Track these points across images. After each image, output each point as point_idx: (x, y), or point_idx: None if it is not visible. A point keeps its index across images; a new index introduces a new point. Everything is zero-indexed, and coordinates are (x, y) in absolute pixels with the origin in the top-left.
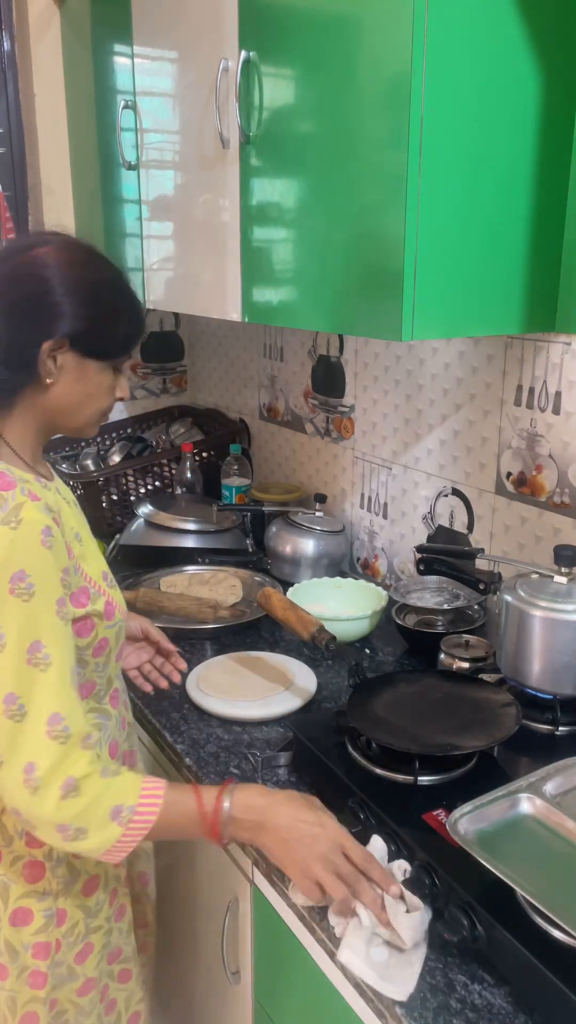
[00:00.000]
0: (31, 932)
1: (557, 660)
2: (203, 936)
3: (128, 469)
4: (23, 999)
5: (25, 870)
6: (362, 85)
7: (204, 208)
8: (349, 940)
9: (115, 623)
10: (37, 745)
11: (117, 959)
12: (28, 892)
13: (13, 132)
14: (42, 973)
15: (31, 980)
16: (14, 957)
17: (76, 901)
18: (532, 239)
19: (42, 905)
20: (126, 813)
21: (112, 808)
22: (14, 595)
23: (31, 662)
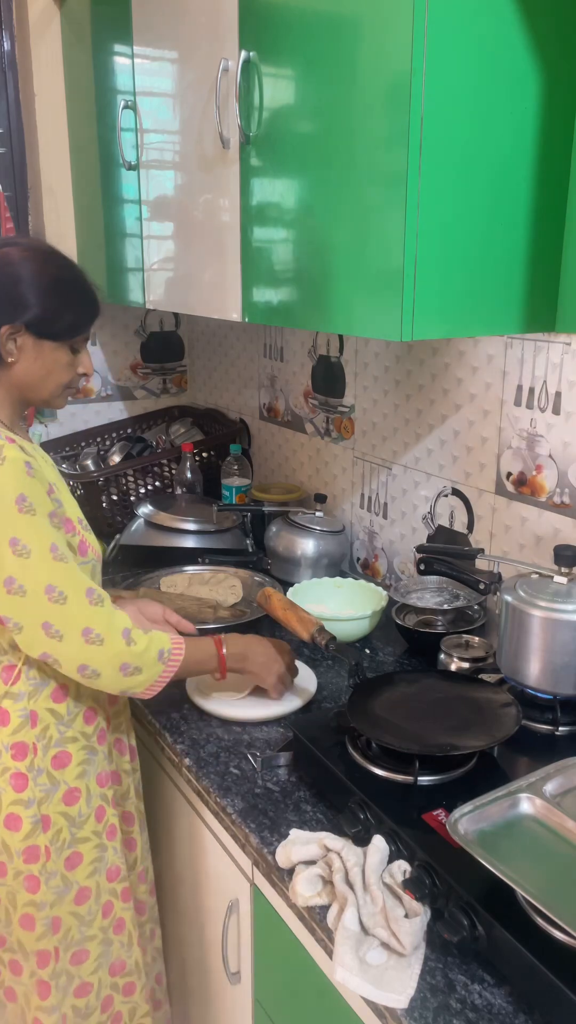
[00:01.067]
0: (20, 838)
1: (557, 660)
2: (203, 936)
3: (128, 469)
4: (21, 900)
5: (12, 780)
6: (362, 85)
7: (204, 208)
8: (340, 956)
9: (88, 560)
10: (85, 613)
11: (117, 877)
12: (16, 800)
13: (13, 132)
14: (35, 878)
15: (26, 884)
16: (10, 858)
17: (58, 808)
18: (532, 239)
19: (28, 812)
20: (166, 653)
21: (158, 651)
22: (23, 513)
23: (55, 558)
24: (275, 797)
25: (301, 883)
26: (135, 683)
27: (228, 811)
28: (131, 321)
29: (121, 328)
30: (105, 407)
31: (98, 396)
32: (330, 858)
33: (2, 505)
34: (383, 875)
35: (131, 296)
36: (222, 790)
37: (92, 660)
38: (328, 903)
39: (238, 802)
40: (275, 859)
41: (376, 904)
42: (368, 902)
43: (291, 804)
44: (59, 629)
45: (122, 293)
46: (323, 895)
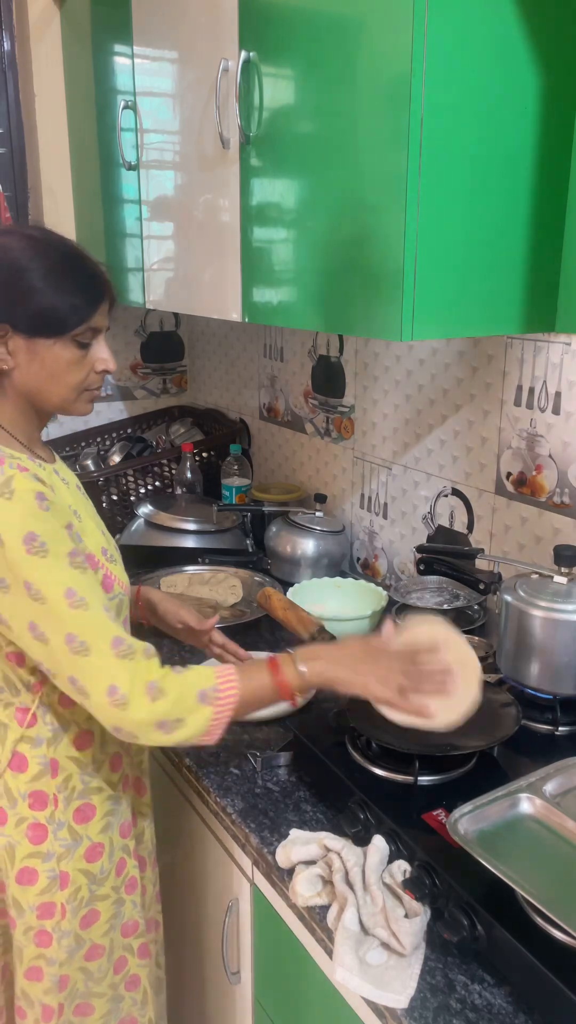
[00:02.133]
0: (36, 892)
1: (557, 660)
2: (203, 936)
3: (128, 469)
4: (29, 954)
5: (29, 831)
6: (362, 85)
7: (204, 208)
8: (340, 956)
9: (114, 596)
10: (110, 668)
11: (134, 932)
12: (33, 853)
13: (13, 132)
14: (47, 933)
15: (37, 939)
16: (20, 913)
17: (79, 865)
18: (532, 239)
19: (46, 867)
20: (211, 693)
21: (198, 693)
22: (32, 554)
23: (72, 605)
24: (275, 797)
25: (301, 883)
26: (186, 735)
27: (228, 811)
28: (131, 321)
29: (121, 328)
30: (105, 407)
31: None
32: (330, 858)
33: (9, 547)
34: (383, 875)
35: (131, 296)
36: (222, 790)
37: (123, 723)
38: (328, 903)
39: (238, 802)
40: (275, 859)
41: (376, 904)
42: (368, 902)
43: (291, 804)
44: (84, 685)
45: (122, 293)
46: (323, 895)
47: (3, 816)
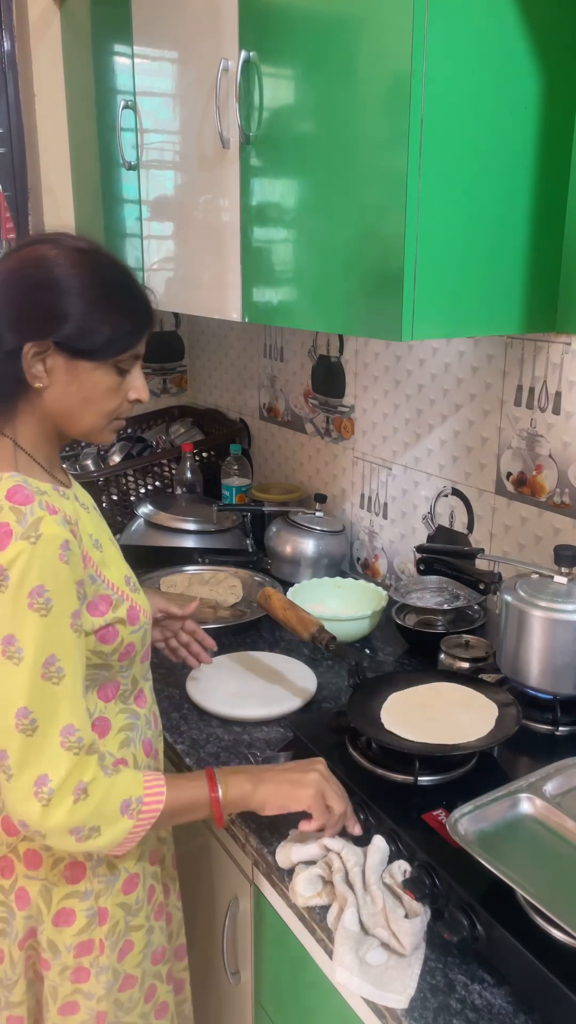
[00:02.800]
0: (73, 933)
1: (557, 660)
2: (203, 936)
3: (128, 469)
4: (65, 991)
5: (67, 872)
6: (362, 85)
7: (204, 208)
8: (340, 956)
9: (140, 627)
10: (51, 757)
11: (162, 959)
12: (70, 893)
13: (13, 132)
14: (85, 969)
15: (73, 976)
16: (55, 955)
17: (117, 900)
18: (532, 239)
19: (84, 905)
20: (135, 804)
21: (122, 802)
22: (33, 609)
23: (45, 676)
24: None
25: (301, 883)
26: (97, 846)
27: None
28: None
29: None
30: None
31: None
32: (330, 858)
33: (16, 593)
34: (383, 875)
35: None
36: None
37: (36, 820)
38: (328, 903)
39: None
40: (275, 859)
41: (376, 904)
42: (368, 902)
43: None
44: (12, 764)
45: None
46: (323, 895)
47: (38, 858)
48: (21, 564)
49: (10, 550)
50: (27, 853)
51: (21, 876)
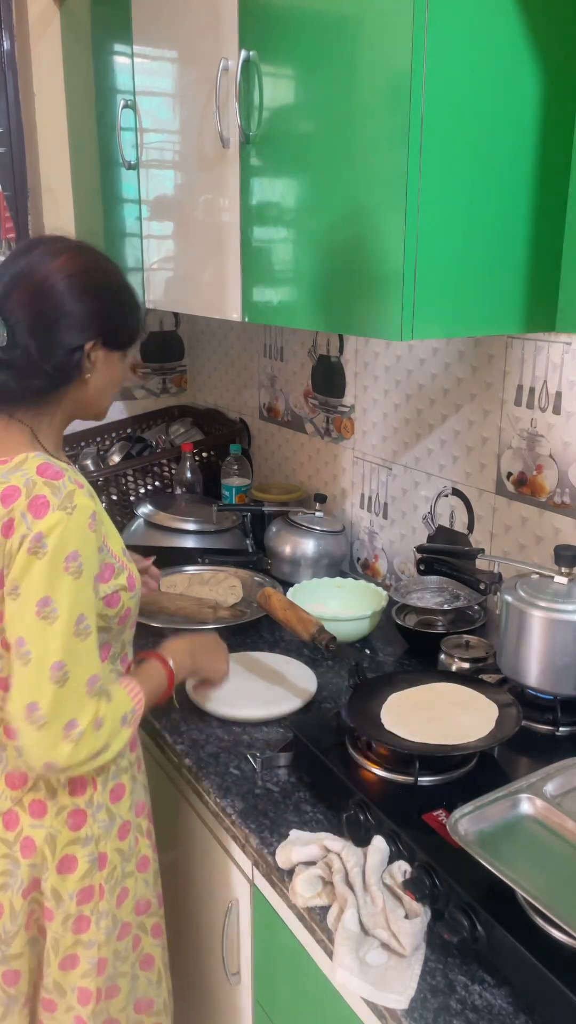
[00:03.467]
0: (76, 879)
1: (557, 660)
2: (203, 936)
3: (128, 469)
4: (66, 943)
5: (70, 819)
6: (362, 85)
7: (204, 208)
8: (340, 957)
9: (135, 593)
10: (80, 704)
11: (146, 911)
12: (73, 840)
13: (13, 132)
14: (86, 918)
15: (75, 926)
16: (59, 903)
17: (114, 845)
18: (532, 239)
19: (85, 851)
20: (129, 716)
21: (121, 718)
22: (68, 573)
23: (76, 633)
24: (275, 797)
25: (301, 884)
26: (105, 758)
27: (228, 812)
28: None
29: None
30: None
31: None
32: (330, 859)
33: (53, 558)
34: (383, 876)
35: None
36: (222, 790)
37: (64, 758)
38: (328, 904)
39: (238, 803)
40: (275, 860)
41: (376, 905)
42: (368, 903)
43: (291, 805)
44: (43, 714)
45: None
46: (323, 896)
47: (43, 808)
48: (59, 532)
49: (48, 519)
50: (32, 804)
51: (27, 827)
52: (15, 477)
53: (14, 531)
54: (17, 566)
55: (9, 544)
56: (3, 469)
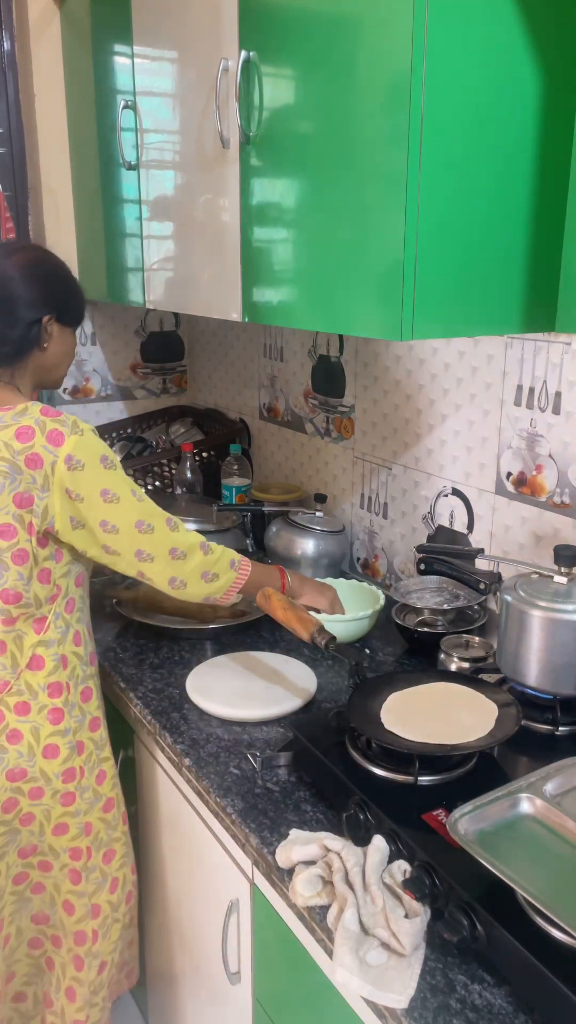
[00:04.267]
0: (59, 763)
1: (557, 660)
2: (203, 936)
3: (128, 469)
4: (56, 814)
5: (50, 715)
6: (362, 85)
7: (204, 208)
8: (340, 956)
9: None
10: (169, 537)
11: (111, 808)
12: (53, 732)
13: (13, 132)
14: (71, 793)
15: (63, 800)
16: (48, 782)
17: (87, 735)
18: (532, 239)
19: (64, 740)
20: (238, 562)
21: (230, 560)
22: (107, 468)
23: (137, 498)
24: (275, 797)
25: (301, 883)
26: (214, 589)
27: (228, 811)
28: (131, 321)
29: (121, 328)
30: (105, 407)
31: (98, 396)
32: (330, 858)
33: (92, 464)
34: (383, 875)
35: (131, 296)
36: (222, 790)
37: (179, 572)
38: (328, 903)
39: (238, 802)
40: (275, 859)
41: (376, 904)
42: (368, 902)
43: (291, 804)
44: (150, 553)
45: (122, 293)
46: (323, 895)
47: (27, 707)
48: (82, 448)
49: (67, 444)
50: (16, 705)
51: (12, 721)
52: (24, 419)
53: (43, 462)
54: (68, 482)
55: (42, 472)
56: (9, 414)
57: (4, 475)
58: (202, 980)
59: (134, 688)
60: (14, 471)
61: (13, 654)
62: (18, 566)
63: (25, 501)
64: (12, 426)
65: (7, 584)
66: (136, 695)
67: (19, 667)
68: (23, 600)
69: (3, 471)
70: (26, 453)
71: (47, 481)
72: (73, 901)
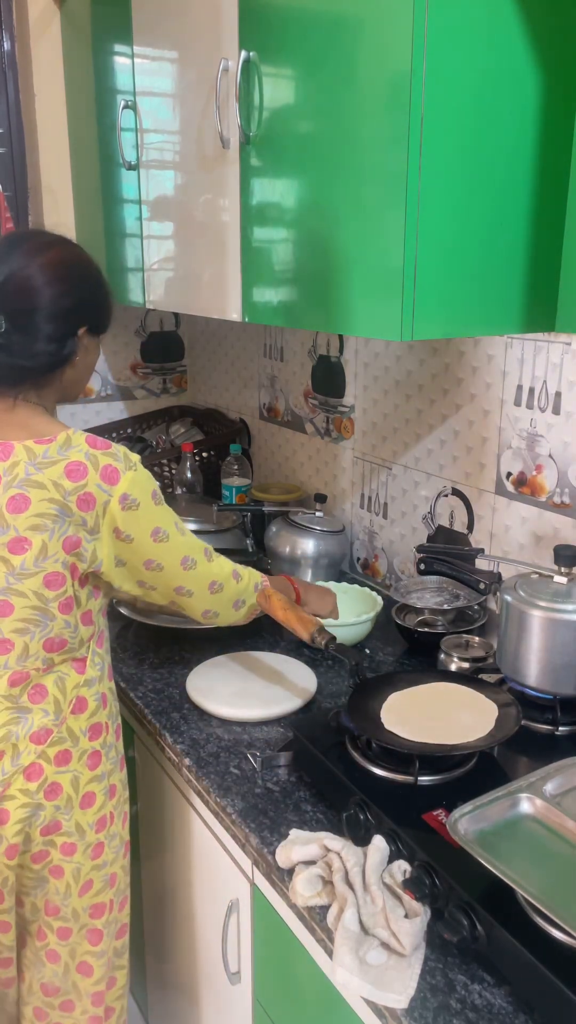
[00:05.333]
0: (94, 811)
1: (557, 660)
2: (203, 936)
3: None
4: (85, 870)
5: (89, 760)
6: (362, 85)
7: (204, 208)
8: (340, 956)
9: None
10: (209, 571)
11: (128, 853)
12: (92, 778)
13: (13, 132)
14: (102, 844)
15: (93, 853)
16: (82, 836)
17: (119, 777)
18: (532, 239)
19: (101, 786)
20: (260, 585)
21: (255, 584)
22: (157, 505)
23: (182, 533)
24: (275, 797)
25: (301, 883)
26: (241, 615)
27: (228, 811)
28: (131, 321)
29: (121, 328)
30: (105, 407)
31: (98, 396)
32: (330, 858)
33: (146, 501)
34: (383, 875)
35: (131, 296)
36: (222, 790)
37: (215, 605)
38: (328, 903)
39: (238, 802)
40: (275, 859)
41: (376, 904)
42: (368, 902)
43: (291, 804)
44: (190, 589)
45: (122, 293)
46: (323, 895)
47: (68, 756)
48: (138, 485)
49: (123, 481)
50: (57, 755)
51: (51, 774)
52: (73, 453)
53: (95, 502)
54: (119, 522)
55: (93, 514)
56: (53, 447)
57: (54, 519)
58: (202, 980)
59: (134, 688)
60: (64, 514)
61: (56, 699)
62: (65, 615)
63: (73, 545)
64: (60, 462)
65: (52, 634)
66: (136, 695)
67: (63, 713)
68: (68, 647)
69: (52, 514)
70: (79, 493)
71: (98, 523)
72: (92, 962)
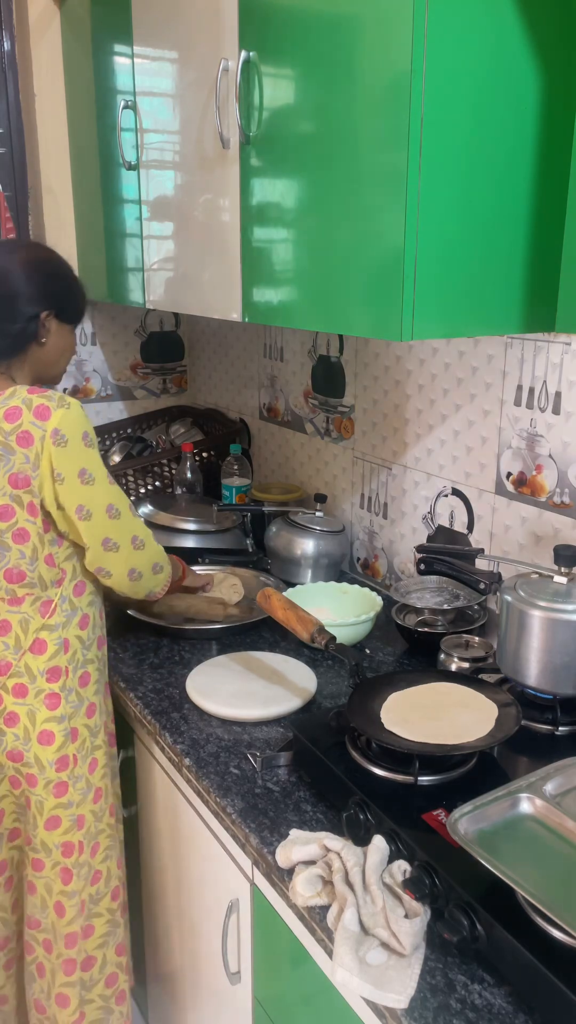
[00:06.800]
0: (53, 750)
1: (557, 660)
2: (203, 936)
3: (128, 469)
4: (48, 806)
5: (47, 700)
6: (362, 85)
7: (204, 208)
8: (340, 956)
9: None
10: (132, 523)
11: (100, 799)
12: (49, 717)
13: (13, 132)
14: (64, 783)
15: (56, 790)
16: (41, 770)
17: (82, 721)
18: (532, 239)
19: (60, 727)
20: (162, 564)
21: (163, 551)
22: (87, 447)
23: (110, 481)
24: (275, 797)
25: (301, 883)
26: (158, 581)
27: (228, 811)
28: (131, 321)
29: (121, 328)
30: (105, 407)
31: (98, 396)
32: (330, 858)
33: (75, 439)
34: (383, 875)
35: (131, 296)
36: (222, 790)
37: (137, 563)
38: (328, 903)
39: (238, 802)
40: (275, 859)
41: (376, 904)
42: (368, 902)
43: (291, 804)
44: (116, 542)
45: (122, 293)
46: (323, 895)
47: (24, 690)
48: (68, 422)
49: (54, 417)
50: (15, 687)
51: (10, 704)
52: (12, 400)
53: (33, 438)
54: (53, 458)
55: (33, 450)
56: (0, 399)
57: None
58: (202, 980)
59: (134, 688)
60: (7, 452)
61: (17, 636)
62: (19, 545)
63: (21, 482)
64: (1, 409)
65: (9, 564)
66: (136, 695)
67: (22, 649)
68: (27, 579)
69: None
70: (16, 432)
71: (38, 459)
72: (64, 902)
